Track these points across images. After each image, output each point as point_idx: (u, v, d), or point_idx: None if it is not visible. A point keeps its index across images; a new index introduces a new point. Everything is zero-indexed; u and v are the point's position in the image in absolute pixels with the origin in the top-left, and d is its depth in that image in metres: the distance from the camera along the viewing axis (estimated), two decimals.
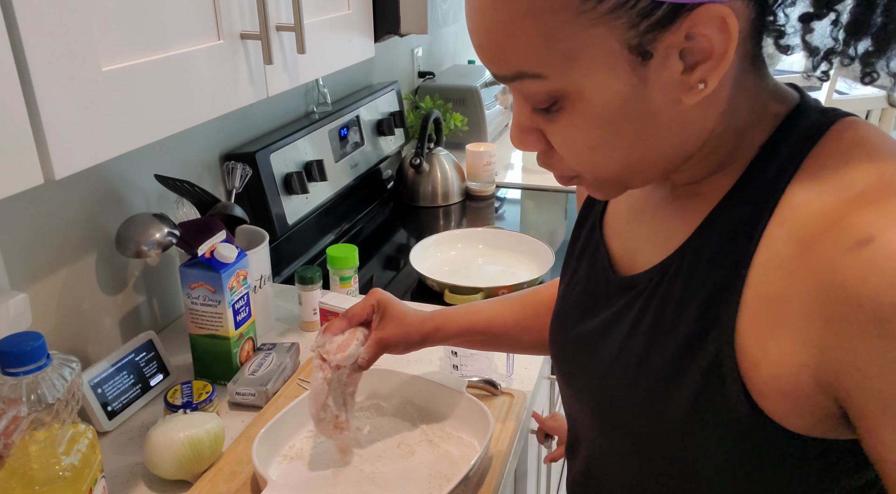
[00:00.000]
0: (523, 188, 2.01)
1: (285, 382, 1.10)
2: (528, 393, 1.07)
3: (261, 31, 0.81)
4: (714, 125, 0.52)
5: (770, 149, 0.52)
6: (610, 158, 0.52)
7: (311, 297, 1.23)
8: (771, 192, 0.50)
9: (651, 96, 0.48)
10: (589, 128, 0.50)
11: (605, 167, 0.53)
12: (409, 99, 2.17)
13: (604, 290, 0.64)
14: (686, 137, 0.51)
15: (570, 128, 0.51)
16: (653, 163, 0.52)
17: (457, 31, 2.71)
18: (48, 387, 0.68)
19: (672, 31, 0.45)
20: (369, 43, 1.13)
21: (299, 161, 1.51)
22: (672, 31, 0.45)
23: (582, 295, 0.68)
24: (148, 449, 0.89)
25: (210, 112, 0.77)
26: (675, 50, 0.46)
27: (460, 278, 1.39)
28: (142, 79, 0.66)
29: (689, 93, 0.47)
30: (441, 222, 1.82)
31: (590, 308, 0.65)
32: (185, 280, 1.05)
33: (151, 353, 1.09)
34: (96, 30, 0.61)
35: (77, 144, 0.60)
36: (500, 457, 0.94)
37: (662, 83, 0.47)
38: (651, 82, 0.47)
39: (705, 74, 0.47)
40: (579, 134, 0.51)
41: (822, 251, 0.45)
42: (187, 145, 1.28)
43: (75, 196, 1.05)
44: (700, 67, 0.46)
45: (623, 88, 0.47)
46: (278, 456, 0.93)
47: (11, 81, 0.54)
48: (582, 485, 0.71)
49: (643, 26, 0.45)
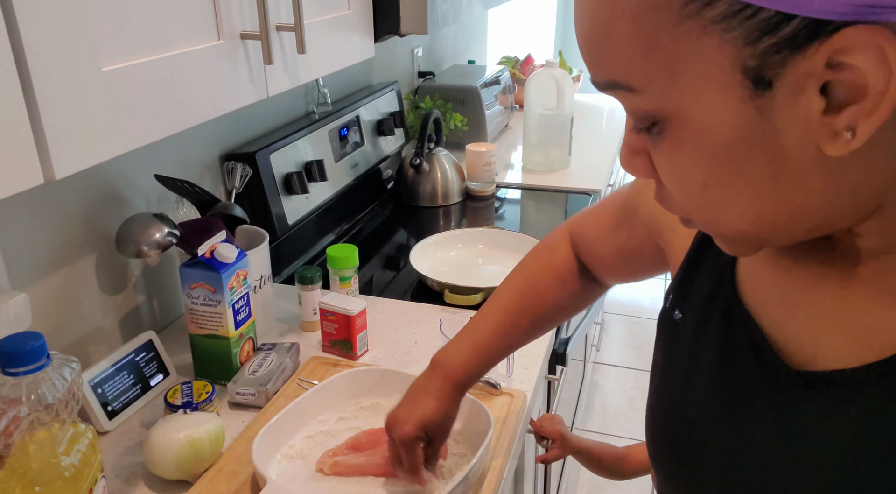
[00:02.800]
0: (523, 188, 2.01)
1: (285, 382, 1.10)
2: (527, 393, 1.07)
3: (261, 31, 0.81)
4: (890, 182, 0.39)
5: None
6: (730, 203, 0.41)
7: (311, 297, 1.23)
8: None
9: (780, 136, 0.38)
10: (700, 162, 0.41)
11: (724, 214, 0.42)
12: (409, 99, 2.17)
13: (769, 386, 0.49)
14: (841, 193, 0.39)
15: (675, 157, 0.42)
16: (795, 218, 0.41)
17: (457, 31, 2.71)
18: (48, 387, 0.68)
19: (807, 57, 0.35)
20: (369, 43, 1.13)
21: (299, 161, 1.51)
22: (807, 57, 0.35)
23: (717, 389, 0.53)
24: (148, 449, 0.89)
25: (210, 112, 0.77)
26: (813, 81, 0.36)
27: (460, 278, 1.39)
28: (142, 79, 0.66)
29: (832, 141, 0.37)
30: (441, 222, 1.82)
31: (740, 411, 0.51)
32: (185, 280, 1.05)
33: (151, 353, 1.09)
34: (96, 30, 0.61)
35: (77, 144, 0.60)
36: (500, 457, 0.94)
37: (795, 121, 0.37)
38: (777, 118, 0.37)
39: (854, 119, 0.35)
40: (686, 167, 0.41)
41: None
42: (187, 145, 1.28)
43: (75, 196, 1.05)
44: (849, 109, 0.36)
45: (738, 119, 0.38)
46: (278, 456, 0.93)
47: (11, 81, 0.54)
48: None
49: (764, 45, 0.35)
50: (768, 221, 0.41)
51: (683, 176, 0.42)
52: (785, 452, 0.47)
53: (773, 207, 0.40)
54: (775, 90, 0.36)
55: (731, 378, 0.51)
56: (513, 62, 2.87)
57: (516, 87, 2.69)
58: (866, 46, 0.34)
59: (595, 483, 2.25)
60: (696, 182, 0.42)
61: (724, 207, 0.42)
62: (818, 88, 0.36)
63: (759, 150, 0.38)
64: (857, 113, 0.35)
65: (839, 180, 0.39)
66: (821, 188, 0.39)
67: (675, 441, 0.56)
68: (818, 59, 0.35)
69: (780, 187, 0.39)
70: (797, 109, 0.36)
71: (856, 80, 0.35)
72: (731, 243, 0.45)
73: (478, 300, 1.31)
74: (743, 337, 0.51)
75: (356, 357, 1.16)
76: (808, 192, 0.39)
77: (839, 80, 0.35)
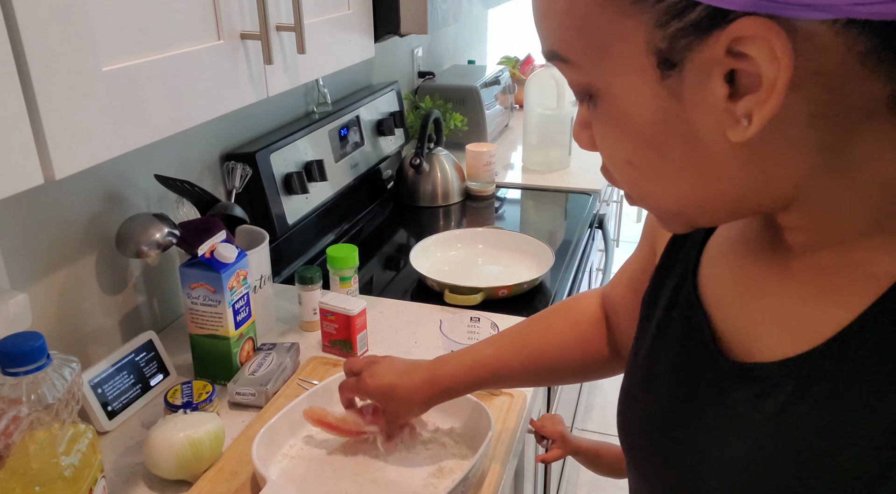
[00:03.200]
0: (523, 188, 2.01)
1: (285, 382, 1.10)
2: (527, 393, 1.07)
3: (261, 31, 0.81)
4: (805, 174, 0.40)
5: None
6: (655, 183, 0.44)
7: (311, 297, 1.23)
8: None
9: (692, 120, 0.39)
10: (624, 139, 0.43)
11: (652, 194, 0.45)
12: (409, 99, 2.17)
13: (712, 376, 0.51)
14: (754, 180, 0.41)
15: (606, 133, 0.44)
16: (714, 201, 0.43)
17: (457, 32, 2.71)
18: (48, 387, 0.68)
19: (710, 43, 0.36)
20: (369, 43, 1.13)
21: (299, 161, 1.51)
22: (710, 43, 0.36)
23: (671, 376, 0.55)
24: (148, 449, 0.89)
25: (210, 112, 0.77)
26: (718, 68, 0.37)
27: (460, 278, 1.39)
28: (142, 79, 0.66)
29: (734, 128, 0.38)
30: (441, 222, 1.82)
31: (687, 396, 0.53)
32: (185, 280, 1.05)
33: (151, 353, 1.09)
34: (96, 30, 0.61)
35: (77, 144, 0.60)
36: (500, 457, 0.94)
37: (705, 107, 0.39)
38: (687, 102, 0.39)
39: (751, 108, 0.37)
40: (615, 142, 0.44)
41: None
42: (187, 145, 1.28)
43: (75, 196, 1.05)
44: (747, 97, 0.37)
45: (653, 100, 0.40)
46: (278, 456, 0.93)
47: (11, 81, 0.54)
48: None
49: (672, 28, 0.37)
50: (691, 201, 0.43)
51: (612, 151, 0.45)
52: (722, 438, 0.49)
53: (693, 188, 0.43)
54: (684, 74, 0.38)
55: (683, 369, 0.54)
56: (513, 62, 2.87)
57: (516, 87, 2.69)
58: (758, 39, 0.35)
59: (595, 483, 2.25)
60: (623, 158, 0.44)
61: (651, 185, 0.44)
62: (723, 75, 0.37)
63: (675, 132, 0.40)
64: (753, 102, 0.37)
65: (750, 168, 0.40)
66: (734, 174, 0.41)
67: (634, 426, 0.59)
68: (719, 46, 0.36)
69: (697, 169, 0.41)
70: (705, 95, 0.38)
71: (753, 70, 0.36)
72: (663, 220, 0.47)
73: (478, 300, 1.31)
74: (697, 330, 0.53)
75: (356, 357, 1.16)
76: (722, 176, 0.41)
77: (741, 68, 0.37)
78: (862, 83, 0.37)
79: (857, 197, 0.41)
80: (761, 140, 0.38)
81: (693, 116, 0.39)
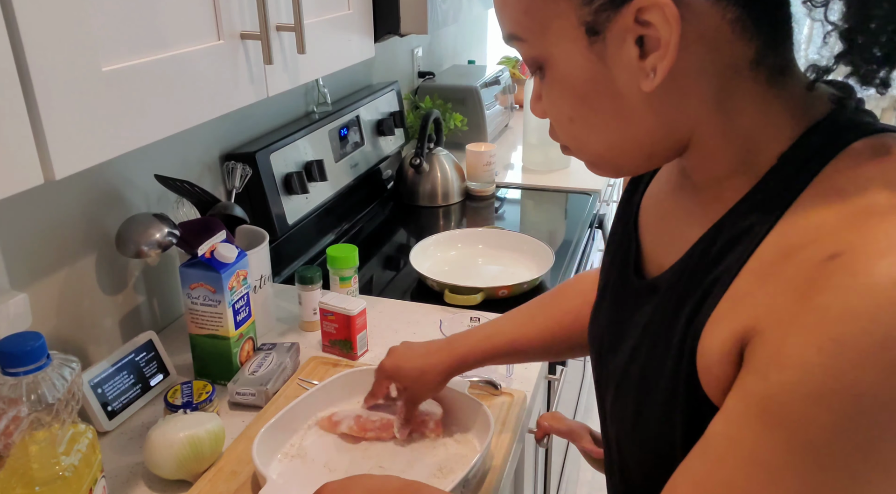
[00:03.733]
0: (523, 188, 2.01)
1: (285, 382, 1.10)
2: (527, 393, 1.07)
3: (261, 31, 0.81)
4: (694, 120, 0.52)
5: (787, 160, 0.51)
6: (590, 134, 0.55)
7: (311, 297, 1.23)
8: (779, 203, 0.49)
9: (615, 77, 0.51)
10: (565, 99, 0.54)
11: (588, 143, 0.56)
12: (409, 99, 2.17)
13: (631, 291, 0.63)
14: (660, 125, 0.53)
15: (552, 96, 0.55)
16: (633, 146, 0.54)
17: (457, 32, 2.71)
18: (48, 387, 0.68)
19: (623, 15, 0.48)
20: (369, 43, 1.13)
21: (299, 161, 1.51)
22: (623, 15, 0.48)
23: (612, 293, 0.68)
24: (148, 449, 0.89)
25: (210, 112, 0.77)
26: (630, 34, 0.48)
27: (460, 278, 1.39)
28: (142, 79, 0.66)
29: (644, 79, 0.49)
30: (441, 222, 1.82)
31: (620, 310, 0.65)
32: (185, 280, 1.05)
33: (151, 353, 1.09)
34: (96, 30, 0.61)
35: (77, 144, 0.60)
36: (500, 457, 0.94)
37: (623, 66, 0.50)
38: (610, 63, 0.50)
39: (655, 63, 0.48)
40: (559, 103, 0.55)
41: (799, 260, 0.45)
42: (187, 145, 1.28)
43: (75, 196, 1.05)
44: (652, 55, 0.48)
45: (585, 63, 0.51)
46: (279, 455, 0.93)
47: (11, 81, 0.54)
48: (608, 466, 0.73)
49: (595, 4, 0.48)
50: (617, 147, 0.55)
51: (557, 111, 0.56)
52: (624, 341, 0.62)
53: (619, 136, 0.54)
54: (607, 41, 0.50)
55: (618, 287, 0.66)
56: (513, 62, 2.87)
57: (516, 87, 2.69)
58: (654, 8, 0.47)
59: (595, 483, 2.24)
60: (565, 116, 0.55)
61: (587, 136, 0.55)
62: (634, 40, 0.49)
63: (602, 88, 0.52)
64: (656, 58, 0.48)
65: (658, 115, 0.52)
66: (648, 121, 0.52)
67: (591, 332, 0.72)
68: (629, 16, 0.48)
69: (622, 120, 0.53)
70: (622, 55, 0.50)
71: (655, 34, 0.48)
72: (597, 167, 0.58)
73: (478, 300, 1.31)
74: (630, 258, 0.65)
75: (356, 357, 1.16)
76: (640, 123, 0.53)
77: (647, 34, 0.48)
78: (733, 45, 0.49)
79: (727, 144, 0.53)
80: (665, 91, 0.50)
81: (615, 73, 0.51)
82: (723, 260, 0.51)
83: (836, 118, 0.52)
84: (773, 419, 0.43)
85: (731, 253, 0.51)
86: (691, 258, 0.55)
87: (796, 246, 0.46)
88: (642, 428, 0.58)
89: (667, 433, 0.55)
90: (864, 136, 0.50)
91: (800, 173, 0.50)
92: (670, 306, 0.56)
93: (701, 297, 0.52)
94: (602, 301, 0.70)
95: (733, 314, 0.48)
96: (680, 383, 0.53)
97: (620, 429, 0.63)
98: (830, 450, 0.42)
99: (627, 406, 0.60)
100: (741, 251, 0.50)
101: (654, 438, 0.57)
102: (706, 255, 0.54)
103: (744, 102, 0.52)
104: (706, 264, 0.53)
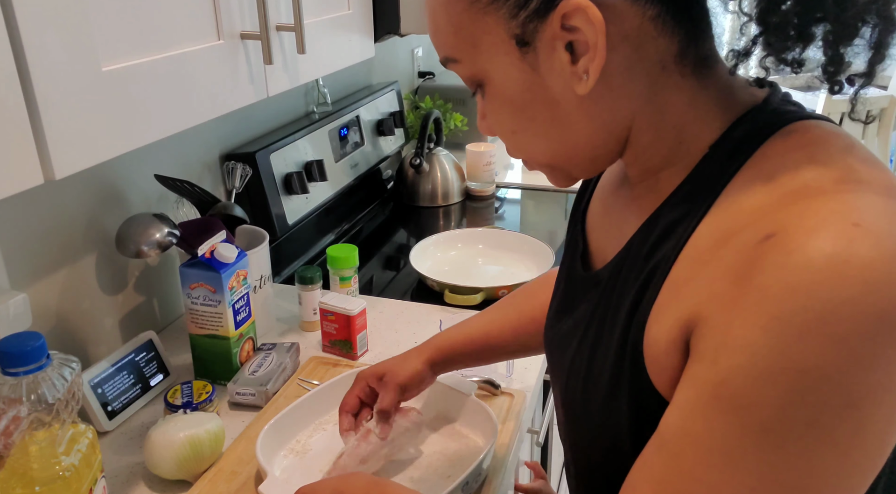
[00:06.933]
0: (523, 188, 2.01)
1: (285, 382, 1.10)
2: (527, 393, 1.07)
3: (261, 31, 0.81)
4: (629, 118, 0.54)
5: (717, 149, 0.53)
6: (534, 144, 0.56)
7: (311, 297, 1.23)
8: (711, 190, 0.51)
9: (549, 85, 0.52)
10: (505, 112, 0.55)
11: (534, 153, 0.58)
12: (409, 99, 2.17)
13: (579, 286, 0.65)
14: (598, 127, 0.54)
15: (493, 111, 0.57)
16: (575, 151, 0.56)
17: None
18: (48, 387, 0.68)
19: (550, 23, 0.49)
20: (369, 43, 1.13)
21: (299, 161, 1.51)
22: (550, 23, 0.49)
23: (563, 292, 0.69)
24: (148, 449, 0.89)
25: (210, 112, 0.77)
26: (559, 41, 0.50)
27: (460, 278, 1.39)
28: (142, 79, 0.66)
29: (578, 83, 0.51)
30: (441, 222, 1.82)
31: (568, 305, 0.67)
32: (185, 280, 1.05)
33: (151, 353, 1.09)
34: (96, 30, 0.61)
35: (77, 144, 0.60)
36: (500, 457, 0.94)
37: (556, 73, 0.51)
38: (544, 72, 0.52)
39: (587, 66, 0.50)
40: (500, 118, 0.56)
41: (735, 244, 0.46)
42: (187, 145, 1.28)
43: (75, 196, 1.05)
44: (583, 58, 0.50)
45: (519, 75, 0.52)
46: (284, 450, 0.93)
47: (11, 81, 0.54)
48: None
49: (521, 17, 0.50)
50: (560, 154, 0.57)
51: (500, 125, 0.57)
52: (573, 335, 0.63)
53: (560, 143, 0.55)
54: (538, 51, 0.51)
55: (568, 285, 0.68)
56: None
57: None
58: (578, 12, 0.48)
59: None
60: (508, 129, 0.57)
61: (533, 147, 0.57)
62: (564, 46, 0.50)
63: (539, 98, 0.53)
64: (587, 61, 0.50)
65: (594, 117, 0.53)
66: (586, 125, 0.54)
67: (545, 333, 0.72)
68: (556, 24, 0.49)
69: (561, 126, 0.54)
70: (554, 63, 0.51)
71: (582, 38, 0.49)
72: (551, 177, 0.60)
73: (478, 300, 1.31)
74: (577, 251, 0.67)
75: (356, 357, 1.16)
76: (579, 129, 0.54)
77: (576, 38, 0.50)
78: (656, 41, 0.51)
79: (660, 137, 0.55)
80: (598, 93, 0.51)
81: (549, 81, 0.52)
82: (659, 249, 0.53)
83: (763, 108, 0.53)
84: (726, 404, 0.43)
85: (666, 242, 0.52)
86: (630, 250, 0.57)
87: (731, 231, 0.47)
88: (588, 419, 0.59)
89: (613, 424, 0.55)
90: (789, 122, 0.51)
91: (730, 161, 0.51)
92: (612, 297, 0.57)
93: (641, 287, 0.53)
94: (554, 298, 0.72)
95: (675, 302, 0.49)
96: (624, 372, 0.53)
97: (570, 421, 0.64)
98: (782, 429, 0.42)
99: (575, 400, 0.61)
100: (676, 240, 0.51)
101: (600, 426, 0.57)
102: (643, 246, 0.55)
103: (673, 96, 0.53)
104: (644, 254, 0.54)
